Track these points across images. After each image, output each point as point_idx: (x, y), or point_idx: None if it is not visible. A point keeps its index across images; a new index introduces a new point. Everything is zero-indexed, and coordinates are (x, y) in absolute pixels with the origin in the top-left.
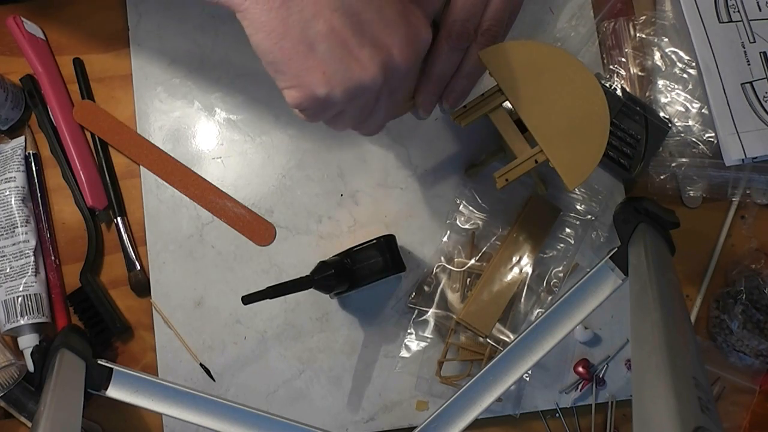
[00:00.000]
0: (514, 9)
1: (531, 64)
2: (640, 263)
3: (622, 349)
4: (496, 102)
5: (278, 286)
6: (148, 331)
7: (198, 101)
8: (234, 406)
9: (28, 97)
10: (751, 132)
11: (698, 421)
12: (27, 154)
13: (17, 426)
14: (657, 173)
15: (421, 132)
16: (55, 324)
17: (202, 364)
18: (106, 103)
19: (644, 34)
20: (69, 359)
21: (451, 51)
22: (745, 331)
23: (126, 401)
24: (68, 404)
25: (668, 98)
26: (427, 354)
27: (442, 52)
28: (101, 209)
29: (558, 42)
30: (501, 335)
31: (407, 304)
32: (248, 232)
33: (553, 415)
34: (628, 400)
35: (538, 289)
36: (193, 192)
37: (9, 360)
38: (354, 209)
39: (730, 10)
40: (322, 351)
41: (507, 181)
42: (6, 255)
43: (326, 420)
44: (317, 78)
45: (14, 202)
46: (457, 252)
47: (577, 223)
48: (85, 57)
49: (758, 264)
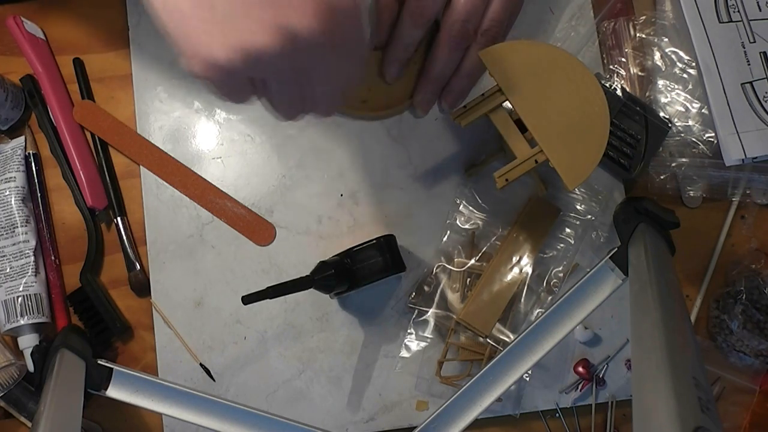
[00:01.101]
0: (514, 10)
1: (531, 64)
2: (640, 263)
3: (622, 349)
4: (496, 102)
5: (278, 286)
6: (148, 331)
7: (198, 101)
8: (234, 406)
9: (28, 97)
10: (751, 132)
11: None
12: (27, 154)
13: (17, 426)
14: (657, 173)
15: (421, 132)
16: (55, 324)
17: (202, 364)
18: (106, 103)
19: (644, 34)
20: (69, 359)
21: (450, 51)
22: (745, 331)
23: (126, 401)
24: (68, 404)
25: (668, 98)
26: (427, 354)
27: (442, 52)
28: (101, 209)
29: (558, 42)
30: (501, 335)
31: (407, 304)
32: (248, 232)
33: (553, 415)
34: (628, 400)
35: (538, 289)
36: (193, 192)
37: (9, 360)
38: (354, 209)
39: (730, 10)
40: (322, 351)
41: (507, 181)
42: (6, 255)
43: (326, 420)
44: (217, 41)
45: (14, 202)
46: (457, 252)
47: (577, 223)
48: (85, 57)
49: (758, 264)
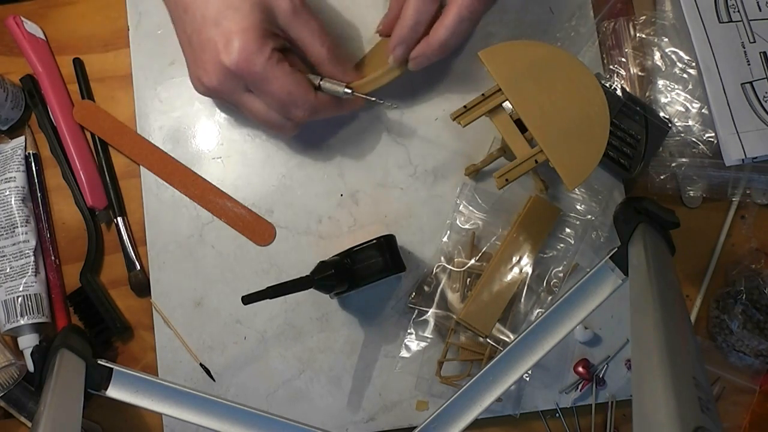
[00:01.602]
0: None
1: (531, 64)
2: (640, 263)
3: (622, 349)
4: (496, 102)
5: (278, 286)
6: (148, 331)
7: (198, 101)
8: (234, 406)
9: (28, 97)
10: (751, 132)
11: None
12: (27, 154)
13: (17, 426)
14: (657, 173)
15: (421, 132)
16: (55, 324)
17: (202, 364)
18: (106, 103)
19: (644, 34)
20: (69, 359)
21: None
22: (745, 331)
23: (126, 401)
24: (68, 404)
25: (668, 98)
26: (427, 354)
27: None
28: (101, 209)
29: (558, 42)
30: (501, 335)
31: (407, 304)
32: (248, 232)
33: (553, 415)
34: (628, 400)
35: (538, 289)
36: (193, 192)
37: (9, 360)
38: (354, 209)
39: (730, 10)
40: (322, 351)
41: (507, 181)
42: (6, 255)
43: (326, 420)
44: (202, 69)
45: (14, 202)
46: (457, 252)
47: (577, 223)
48: (85, 57)
49: (758, 264)
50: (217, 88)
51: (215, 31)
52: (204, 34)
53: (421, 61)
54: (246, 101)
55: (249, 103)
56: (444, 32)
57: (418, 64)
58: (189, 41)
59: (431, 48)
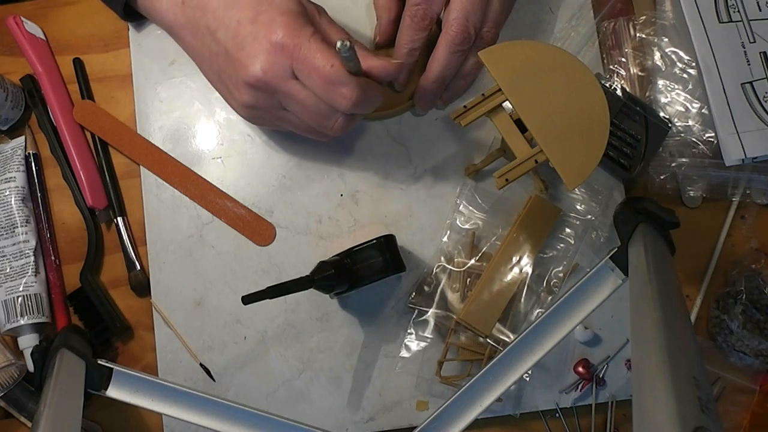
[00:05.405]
0: (510, 9)
1: (531, 64)
2: (640, 263)
3: (622, 349)
4: (496, 102)
5: (278, 286)
6: (148, 331)
7: (198, 101)
8: (234, 406)
9: (28, 97)
10: (751, 132)
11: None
12: (27, 154)
13: (17, 426)
14: (657, 173)
15: (421, 132)
16: (55, 324)
17: (202, 364)
18: (106, 103)
19: (644, 34)
20: (69, 359)
21: (451, 54)
22: (745, 331)
23: (126, 401)
24: (68, 404)
25: (668, 98)
26: (427, 354)
27: (443, 54)
28: (101, 209)
29: (558, 42)
30: (501, 335)
31: (407, 304)
32: (248, 232)
33: (553, 415)
34: (628, 400)
35: (538, 289)
36: (193, 192)
37: (9, 360)
38: (354, 209)
39: (730, 10)
40: (322, 351)
41: (507, 181)
42: (6, 255)
43: (326, 420)
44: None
45: (14, 202)
46: (457, 252)
47: (577, 223)
48: (85, 57)
49: (758, 264)
50: (268, 72)
51: (254, 27)
52: (241, 34)
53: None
54: (292, 88)
55: (296, 90)
56: (436, 65)
57: (423, 105)
58: (225, 51)
59: (427, 82)
